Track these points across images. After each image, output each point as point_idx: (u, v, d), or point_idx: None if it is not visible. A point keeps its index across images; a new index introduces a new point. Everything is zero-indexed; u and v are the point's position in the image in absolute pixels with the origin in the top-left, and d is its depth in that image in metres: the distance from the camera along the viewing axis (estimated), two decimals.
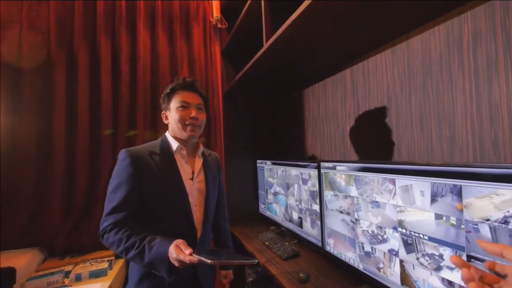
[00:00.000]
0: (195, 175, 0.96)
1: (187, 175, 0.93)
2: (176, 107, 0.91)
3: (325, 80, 1.43)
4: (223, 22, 1.76)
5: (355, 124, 1.21)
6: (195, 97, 0.95)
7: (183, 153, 0.94)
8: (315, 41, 0.98)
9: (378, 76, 1.08)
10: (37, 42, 1.37)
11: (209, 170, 1.02)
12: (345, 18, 0.81)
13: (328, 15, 0.79)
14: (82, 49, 1.45)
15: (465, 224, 0.57)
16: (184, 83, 0.94)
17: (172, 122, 0.93)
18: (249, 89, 1.69)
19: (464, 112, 0.77)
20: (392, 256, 0.77)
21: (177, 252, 0.69)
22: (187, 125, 0.91)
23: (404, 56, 0.96)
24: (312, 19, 0.81)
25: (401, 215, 0.73)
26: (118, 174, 0.84)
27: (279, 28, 0.91)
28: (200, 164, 0.99)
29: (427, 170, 0.65)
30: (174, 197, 0.88)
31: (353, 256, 0.93)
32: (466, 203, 0.57)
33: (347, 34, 0.94)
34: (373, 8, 0.76)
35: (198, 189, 0.95)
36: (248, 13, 1.32)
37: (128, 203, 0.81)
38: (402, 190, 0.72)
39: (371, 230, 0.84)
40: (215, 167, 1.09)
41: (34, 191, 1.32)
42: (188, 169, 0.95)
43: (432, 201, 0.64)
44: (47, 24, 1.39)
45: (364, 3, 0.73)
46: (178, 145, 0.93)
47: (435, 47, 0.85)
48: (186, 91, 0.93)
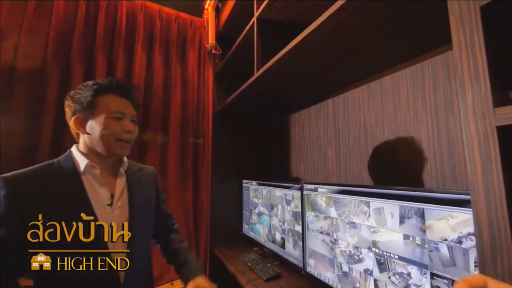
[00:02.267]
0: (116, 200, 0.75)
1: (101, 201, 0.72)
2: (105, 115, 0.71)
3: (309, 108, 1.55)
4: (218, 49, 1.88)
5: (336, 149, 1.31)
6: (130, 106, 0.78)
7: (96, 173, 0.73)
8: (301, 73, 1.10)
9: (356, 107, 1.20)
10: (33, 54, 1.40)
11: (138, 192, 0.81)
12: (328, 56, 0.93)
13: (314, 52, 0.90)
14: (78, 64, 1.49)
15: (428, 243, 0.64)
16: (117, 86, 0.75)
17: (94, 134, 0.72)
18: (238, 112, 1.77)
19: (427, 144, 0.88)
20: (367, 276, 0.81)
21: None
22: (118, 141, 0.73)
23: (378, 92, 1.09)
24: (300, 54, 0.92)
25: (375, 235, 0.79)
26: None
27: (270, 55, 1.02)
28: (123, 183, 0.79)
29: (396, 194, 0.73)
30: (83, 240, 0.64)
31: (332, 276, 0.96)
32: (428, 225, 0.65)
33: (330, 70, 1.06)
34: (353, 50, 0.88)
35: (120, 216, 0.74)
36: (242, 42, 1.44)
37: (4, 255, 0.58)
38: (375, 212, 0.79)
39: (348, 250, 0.90)
40: (149, 185, 0.89)
41: None
42: (104, 193, 0.73)
43: (401, 223, 0.72)
44: (45, 39, 1.44)
45: (345, 46, 0.85)
46: (87, 163, 0.71)
47: (403, 86, 0.98)
48: (119, 97, 0.75)
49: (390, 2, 0.62)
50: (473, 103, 0.39)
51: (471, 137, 0.39)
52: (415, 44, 0.84)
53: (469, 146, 0.39)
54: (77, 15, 1.51)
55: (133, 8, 1.69)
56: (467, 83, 0.40)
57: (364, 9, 0.66)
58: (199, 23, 1.92)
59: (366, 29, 0.75)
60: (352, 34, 0.78)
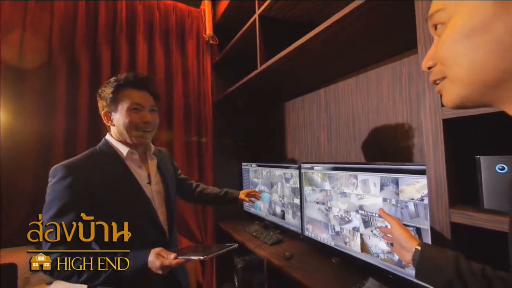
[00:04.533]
0: (152, 178, 0.89)
1: (143, 181, 0.85)
2: (126, 108, 0.80)
3: (303, 96, 1.72)
4: (215, 39, 1.97)
5: (327, 133, 1.51)
6: (148, 97, 0.86)
7: (135, 158, 0.86)
8: (299, 68, 1.26)
9: (345, 97, 1.39)
10: (39, 47, 1.44)
11: (165, 170, 0.97)
12: (322, 55, 1.09)
13: (312, 53, 1.06)
14: (83, 56, 1.54)
15: (400, 203, 0.87)
16: (135, 80, 0.83)
17: (119, 125, 0.81)
18: (237, 100, 1.91)
19: (402, 128, 1.09)
20: (355, 232, 1.05)
21: (161, 261, 0.67)
22: (138, 131, 0.82)
23: (364, 84, 1.28)
24: (299, 54, 1.08)
25: (361, 201, 1.02)
26: (58, 196, 0.70)
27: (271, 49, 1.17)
28: (155, 165, 0.93)
29: (377, 168, 0.95)
30: (137, 208, 0.80)
31: (327, 236, 1.20)
32: (401, 189, 0.87)
33: (323, 66, 1.23)
34: (343, 49, 1.05)
35: (157, 192, 0.90)
36: (242, 37, 1.55)
37: (77, 229, 0.69)
38: (362, 183, 1.01)
39: (340, 214, 1.12)
40: (169, 163, 1.05)
41: (32, 191, 1.37)
42: (143, 174, 0.87)
43: (381, 189, 0.94)
44: (49, 31, 1.47)
45: (339, 48, 1.02)
46: (128, 151, 0.83)
47: (385, 80, 1.17)
48: (137, 90, 0.83)
49: (374, 16, 0.79)
50: (429, 103, 0.58)
51: (428, 126, 0.58)
52: (395, 46, 1.02)
53: (426, 132, 0.59)
54: (78, 6, 1.54)
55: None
56: (426, 89, 0.59)
57: (353, 22, 0.82)
58: (196, 13, 1.98)
59: (356, 35, 0.92)
60: (345, 40, 0.94)
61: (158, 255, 0.68)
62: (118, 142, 0.85)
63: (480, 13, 0.26)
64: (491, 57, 0.26)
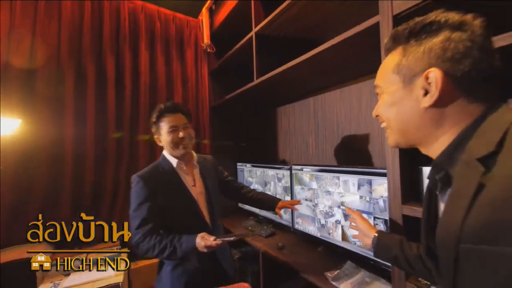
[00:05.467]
0: (196, 182, 1.14)
1: (189, 184, 1.10)
2: (166, 131, 1.05)
3: (294, 103, 1.89)
4: (212, 47, 2.11)
5: (315, 138, 1.70)
6: (180, 117, 1.08)
7: (183, 167, 1.11)
8: (291, 80, 1.43)
9: (331, 106, 1.57)
10: (48, 55, 1.53)
11: (206, 174, 1.19)
12: (313, 72, 1.27)
13: (303, 70, 1.23)
14: (90, 65, 1.64)
15: (373, 200, 1.06)
16: (166, 108, 1.07)
17: (165, 144, 1.07)
18: (233, 106, 2.07)
19: (377, 137, 1.29)
20: (337, 224, 1.24)
21: (204, 241, 0.91)
22: (179, 145, 1.06)
23: (347, 96, 1.46)
24: (291, 70, 1.24)
25: (342, 198, 1.20)
26: (135, 196, 1.00)
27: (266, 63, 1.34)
28: (198, 171, 1.17)
29: (355, 171, 1.14)
30: (186, 205, 1.06)
31: (314, 228, 1.38)
32: (373, 189, 1.06)
33: (313, 78, 1.41)
34: (331, 68, 1.23)
35: (200, 193, 1.14)
36: (239, 50, 1.70)
37: (151, 216, 0.97)
38: (343, 183, 1.20)
39: (325, 209, 1.31)
40: (212, 168, 1.27)
41: (44, 191, 1.48)
42: (189, 179, 1.12)
43: (358, 189, 1.13)
44: (57, 40, 1.56)
45: (327, 67, 1.19)
46: (177, 162, 1.09)
47: (365, 93, 1.36)
48: (171, 114, 1.06)
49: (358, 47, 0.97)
50: None
51: None
52: (373, 67, 1.21)
53: (387, 144, 0.77)
54: (84, 15, 1.64)
55: (134, 8, 1.83)
56: None
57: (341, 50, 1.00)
58: (194, 23, 2.11)
59: (343, 59, 1.10)
60: (333, 61, 1.12)
61: (202, 238, 0.93)
62: (170, 156, 1.11)
63: (396, 94, 0.44)
64: (405, 119, 0.44)
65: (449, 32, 0.39)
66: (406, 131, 0.45)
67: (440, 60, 0.39)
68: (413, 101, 0.42)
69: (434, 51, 0.39)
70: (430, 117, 0.41)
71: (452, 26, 0.39)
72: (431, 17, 0.40)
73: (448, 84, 0.39)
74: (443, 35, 0.39)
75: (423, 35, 0.41)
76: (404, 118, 0.44)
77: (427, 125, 0.42)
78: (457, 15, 0.39)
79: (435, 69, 0.39)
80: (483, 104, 0.39)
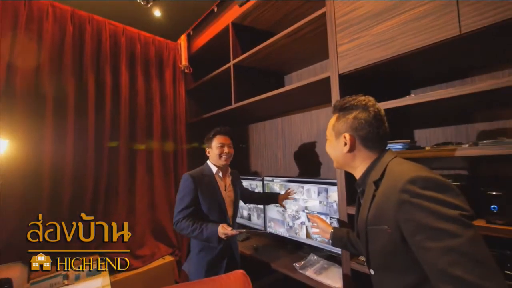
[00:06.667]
0: (227, 188, 1.45)
1: (222, 188, 1.41)
2: (216, 146, 1.39)
3: (265, 122, 2.18)
4: (189, 68, 2.29)
5: (283, 152, 1.99)
6: (227, 139, 1.43)
7: (219, 174, 1.43)
8: (263, 105, 1.70)
9: (296, 127, 1.88)
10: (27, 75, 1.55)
11: (235, 183, 1.52)
12: (281, 101, 1.56)
13: (272, 99, 1.51)
14: (70, 85, 1.69)
15: (329, 203, 1.37)
16: (221, 130, 1.43)
17: (212, 155, 1.40)
18: (209, 123, 2.26)
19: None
20: (302, 225, 1.52)
21: (223, 229, 1.18)
22: (222, 157, 1.38)
23: (308, 119, 1.79)
24: (265, 99, 1.52)
25: (306, 203, 1.50)
26: (183, 188, 1.31)
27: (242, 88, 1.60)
28: (230, 180, 1.49)
29: (315, 181, 1.44)
30: (216, 202, 1.35)
31: (283, 230, 1.65)
32: (329, 195, 1.37)
33: (281, 105, 1.70)
34: (295, 99, 1.53)
35: (228, 196, 1.43)
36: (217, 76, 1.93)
37: (191, 205, 1.28)
38: (307, 191, 1.49)
39: (292, 213, 1.59)
40: (237, 180, 1.59)
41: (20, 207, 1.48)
42: (222, 184, 1.43)
43: (318, 195, 1.43)
44: (37, 61, 1.59)
45: (293, 99, 1.49)
46: (216, 169, 1.41)
47: (322, 118, 1.70)
48: (222, 136, 1.41)
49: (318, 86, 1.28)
50: None
51: None
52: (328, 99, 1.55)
53: None
54: (65, 37, 1.69)
55: (115, 31, 1.93)
56: None
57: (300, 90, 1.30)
58: (172, 45, 2.27)
59: (306, 93, 1.41)
60: (297, 95, 1.43)
61: (223, 227, 1.19)
62: (212, 164, 1.43)
63: (332, 142, 0.74)
64: (337, 157, 0.74)
65: (357, 112, 0.69)
66: (339, 162, 0.77)
67: (350, 128, 0.70)
68: (340, 148, 0.72)
69: (348, 122, 0.70)
70: (349, 157, 0.72)
71: (360, 107, 0.69)
72: (350, 101, 0.71)
73: (355, 142, 0.70)
74: (354, 113, 0.70)
75: (346, 110, 0.72)
76: (336, 156, 0.75)
77: (348, 161, 0.73)
78: (364, 99, 0.69)
79: (347, 134, 0.70)
80: (377, 150, 0.70)
